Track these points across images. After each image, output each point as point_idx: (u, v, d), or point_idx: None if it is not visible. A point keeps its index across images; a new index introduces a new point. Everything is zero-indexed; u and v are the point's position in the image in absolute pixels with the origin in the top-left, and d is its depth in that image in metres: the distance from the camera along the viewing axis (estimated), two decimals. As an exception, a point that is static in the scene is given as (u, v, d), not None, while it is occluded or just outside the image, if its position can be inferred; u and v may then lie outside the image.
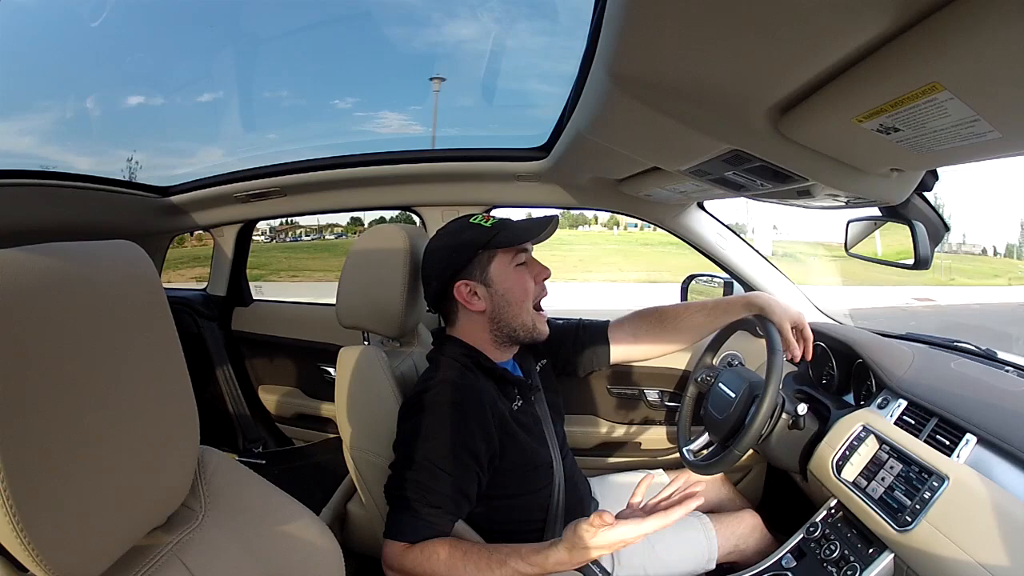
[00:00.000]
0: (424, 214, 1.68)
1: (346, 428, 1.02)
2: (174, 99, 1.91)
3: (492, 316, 0.99)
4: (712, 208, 1.53)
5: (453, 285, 0.98)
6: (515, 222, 1.00)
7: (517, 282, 0.99)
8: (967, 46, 0.37)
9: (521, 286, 1.00)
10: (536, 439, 1.01)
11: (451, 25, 1.70)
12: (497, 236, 0.98)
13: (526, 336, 1.01)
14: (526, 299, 1.00)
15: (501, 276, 0.99)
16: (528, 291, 1.00)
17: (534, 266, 1.03)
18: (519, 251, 1.00)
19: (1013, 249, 18.67)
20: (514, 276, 0.99)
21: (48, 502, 0.37)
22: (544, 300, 1.06)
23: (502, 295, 0.99)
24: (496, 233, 0.98)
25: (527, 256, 1.02)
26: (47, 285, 0.38)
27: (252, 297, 1.96)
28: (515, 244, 0.99)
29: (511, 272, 0.99)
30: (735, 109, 0.61)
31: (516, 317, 0.99)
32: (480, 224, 0.99)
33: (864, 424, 1.01)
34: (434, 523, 0.85)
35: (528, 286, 1.00)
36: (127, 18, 1.65)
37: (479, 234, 0.98)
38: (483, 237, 0.97)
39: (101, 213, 1.52)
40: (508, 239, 0.98)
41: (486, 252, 0.98)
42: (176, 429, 0.49)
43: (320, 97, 1.91)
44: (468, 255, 0.98)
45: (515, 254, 1.00)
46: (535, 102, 1.72)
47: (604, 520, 0.75)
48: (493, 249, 0.98)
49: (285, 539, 0.59)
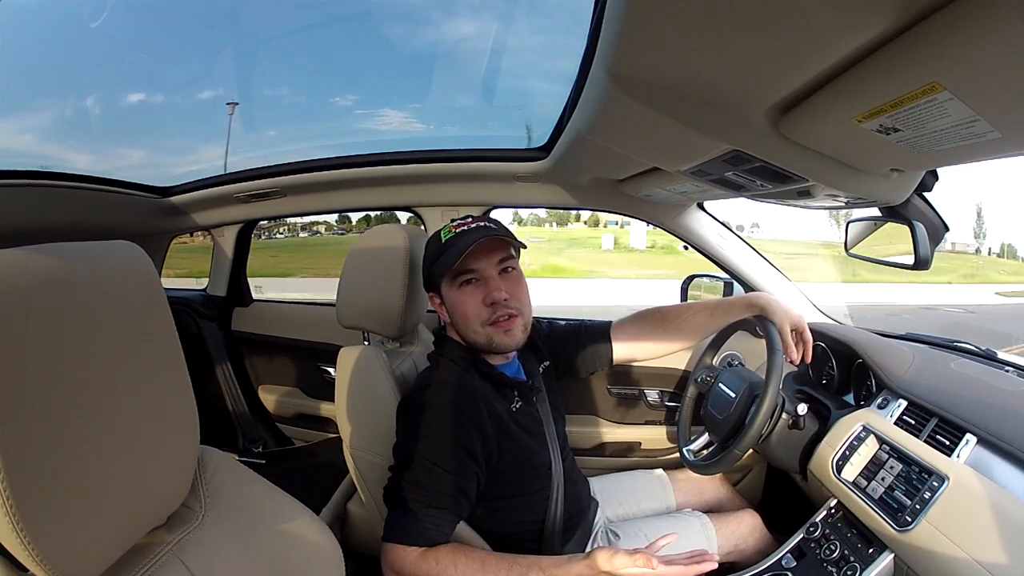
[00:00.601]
0: (424, 214, 1.68)
1: (346, 428, 1.02)
2: (174, 97, 1.92)
3: (456, 328, 1.00)
4: (712, 208, 1.53)
5: (429, 294, 1.02)
6: (462, 237, 0.94)
7: (460, 303, 0.96)
8: (967, 46, 0.37)
9: (462, 309, 0.96)
10: (536, 440, 1.01)
11: (451, 24, 1.71)
12: (441, 257, 0.95)
13: (486, 350, 0.99)
14: (470, 321, 0.96)
15: (449, 297, 0.98)
16: (468, 315, 0.95)
17: (486, 285, 0.95)
18: (459, 272, 0.95)
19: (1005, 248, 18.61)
20: (457, 298, 0.96)
21: (48, 502, 0.37)
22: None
23: (452, 311, 0.99)
24: (443, 252, 0.95)
25: (476, 274, 0.95)
26: (47, 285, 0.38)
27: (252, 297, 1.96)
28: (447, 269, 0.95)
29: (454, 293, 0.97)
30: (735, 109, 0.61)
31: (467, 335, 0.98)
32: (440, 237, 0.97)
33: (864, 424, 1.01)
34: (436, 524, 0.84)
35: (469, 310, 0.95)
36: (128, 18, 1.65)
37: (433, 251, 0.98)
38: (433, 256, 0.98)
39: (101, 213, 1.52)
40: (446, 262, 0.94)
41: (435, 272, 0.98)
42: (176, 429, 0.49)
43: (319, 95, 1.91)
44: (426, 272, 1.01)
45: (454, 276, 0.96)
46: (535, 102, 1.72)
47: (648, 562, 0.77)
48: (438, 271, 0.97)
49: (285, 539, 0.59)
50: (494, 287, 0.95)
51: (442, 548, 0.83)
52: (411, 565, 0.82)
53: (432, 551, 0.83)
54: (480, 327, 0.95)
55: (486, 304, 0.95)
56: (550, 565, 0.82)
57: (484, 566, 0.82)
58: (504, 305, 0.95)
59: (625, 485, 1.30)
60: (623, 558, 0.77)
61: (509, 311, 0.95)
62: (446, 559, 0.82)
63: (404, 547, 0.83)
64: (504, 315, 0.95)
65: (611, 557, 0.78)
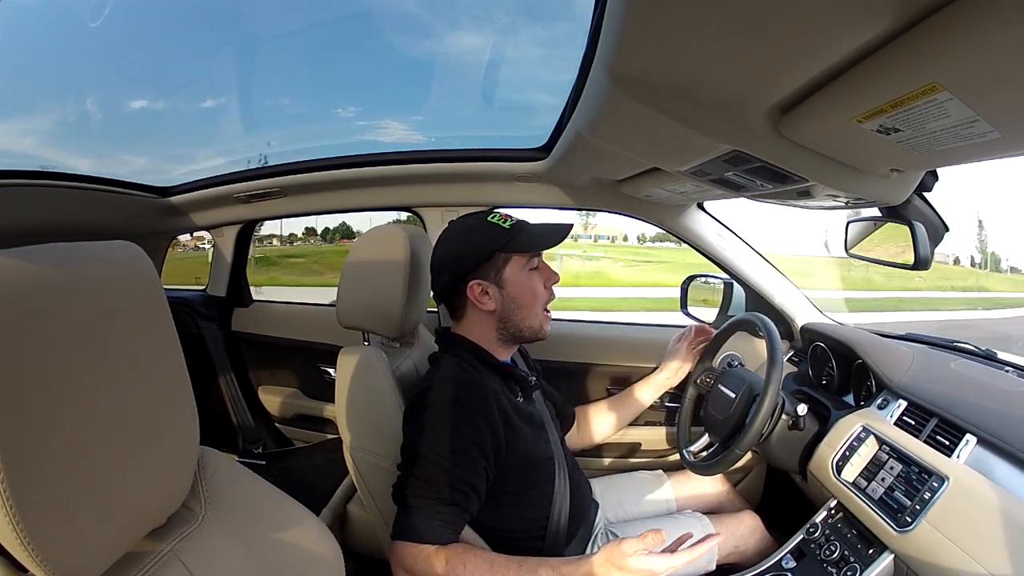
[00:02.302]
0: (424, 215, 1.68)
1: (346, 429, 1.02)
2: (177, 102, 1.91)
3: (501, 316, 1.00)
4: (712, 209, 1.53)
5: (466, 283, 0.98)
6: (532, 226, 1.00)
7: (529, 286, 1.00)
8: (967, 46, 0.37)
9: (531, 291, 1.00)
10: (539, 436, 1.01)
11: (452, 30, 1.71)
12: (515, 239, 0.97)
13: (531, 336, 1.02)
14: (535, 303, 1.01)
15: (514, 279, 0.99)
16: (538, 295, 1.01)
17: (545, 270, 1.03)
18: (533, 256, 1.01)
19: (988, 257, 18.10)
20: (527, 280, 1.00)
21: (48, 502, 0.37)
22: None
23: (513, 298, 0.99)
24: (514, 236, 0.97)
25: (540, 260, 1.03)
26: (47, 285, 0.38)
27: (252, 298, 1.96)
28: (532, 250, 1.00)
29: (524, 276, 0.99)
30: (735, 109, 0.61)
31: (524, 319, 1.00)
32: (498, 224, 0.98)
33: (864, 424, 1.01)
34: (447, 522, 0.84)
35: (539, 291, 1.01)
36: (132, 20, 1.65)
37: (497, 235, 0.98)
38: (501, 239, 0.97)
39: (101, 214, 1.52)
40: (526, 244, 0.98)
41: (502, 254, 0.98)
42: (176, 430, 0.49)
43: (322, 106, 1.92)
44: (484, 255, 0.98)
45: (529, 258, 1.00)
46: (535, 102, 1.72)
47: (658, 539, 0.78)
48: (510, 252, 0.98)
49: (285, 539, 0.59)
50: (553, 272, 1.04)
51: (452, 548, 0.83)
52: (422, 563, 0.81)
53: (443, 550, 0.82)
54: (541, 310, 1.02)
55: (547, 287, 1.03)
56: (559, 564, 0.83)
57: (493, 567, 0.82)
58: (552, 292, 1.05)
59: (625, 486, 1.30)
60: (631, 543, 0.79)
61: (553, 298, 1.05)
62: (456, 559, 0.81)
63: (415, 545, 0.82)
64: (552, 300, 1.05)
65: (618, 546, 0.80)
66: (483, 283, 0.98)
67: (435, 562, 0.81)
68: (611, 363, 1.57)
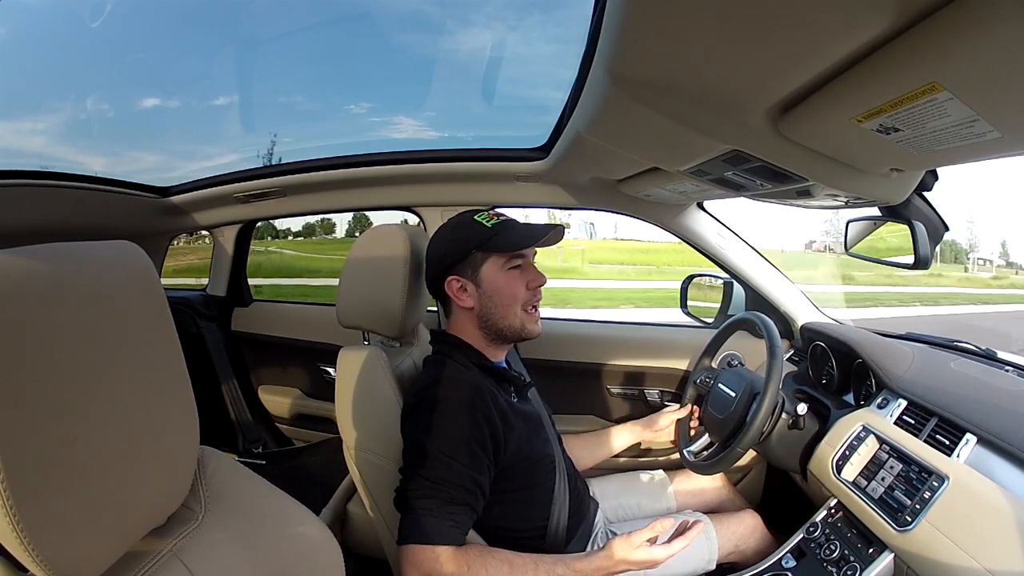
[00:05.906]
0: (424, 214, 1.68)
1: (346, 429, 1.02)
2: (189, 100, 1.92)
3: (480, 314, 1.00)
4: (712, 208, 1.53)
5: (445, 279, 0.99)
6: (517, 225, 1.00)
7: (506, 286, 0.99)
8: (967, 46, 0.37)
9: (510, 291, 0.99)
10: (537, 434, 1.01)
11: (454, 28, 1.71)
12: (494, 239, 0.97)
13: (514, 335, 1.01)
14: (513, 304, 0.99)
15: (491, 278, 0.98)
16: (516, 296, 0.99)
17: (530, 271, 1.01)
18: (514, 256, 0.99)
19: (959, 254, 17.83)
20: (504, 280, 0.99)
21: (48, 502, 0.37)
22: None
23: (490, 296, 0.99)
24: (494, 235, 0.97)
25: (524, 260, 1.01)
26: (47, 285, 0.38)
27: (252, 297, 1.96)
28: (508, 250, 0.98)
29: (502, 275, 0.99)
30: (735, 109, 0.61)
31: (503, 318, 0.99)
32: (481, 223, 0.99)
33: (864, 424, 1.01)
34: (458, 521, 0.83)
35: (517, 291, 0.99)
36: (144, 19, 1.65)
37: (476, 233, 0.98)
38: (479, 237, 0.97)
39: (101, 213, 1.52)
40: (504, 244, 0.97)
41: (480, 252, 0.98)
42: (176, 429, 0.49)
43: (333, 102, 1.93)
44: (462, 252, 0.98)
45: (509, 258, 0.99)
46: (535, 102, 1.72)
47: (667, 525, 0.82)
48: (487, 252, 0.98)
49: (285, 539, 0.59)
50: (538, 273, 1.02)
51: (470, 550, 0.83)
52: (443, 566, 0.80)
53: (461, 552, 0.82)
54: (520, 310, 1.00)
55: (530, 288, 1.01)
56: (572, 560, 0.84)
57: (512, 567, 0.82)
58: (536, 293, 1.03)
59: (625, 486, 1.30)
60: (641, 534, 0.82)
61: (539, 299, 1.03)
62: (477, 562, 0.81)
63: (432, 547, 0.81)
64: (537, 301, 1.03)
65: (627, 539, 0.83)
66: (461, 280, 0.99)
67: (453, 565, 0.80)
68: (611, 363, 1.57)
